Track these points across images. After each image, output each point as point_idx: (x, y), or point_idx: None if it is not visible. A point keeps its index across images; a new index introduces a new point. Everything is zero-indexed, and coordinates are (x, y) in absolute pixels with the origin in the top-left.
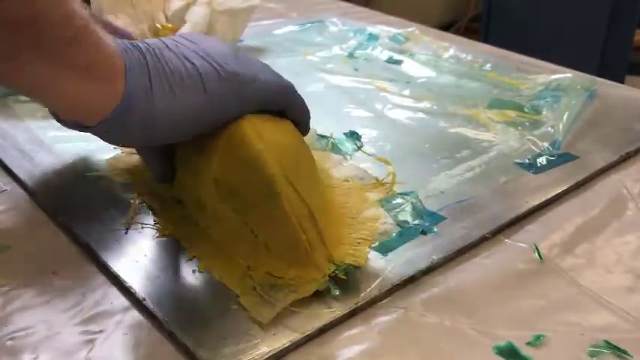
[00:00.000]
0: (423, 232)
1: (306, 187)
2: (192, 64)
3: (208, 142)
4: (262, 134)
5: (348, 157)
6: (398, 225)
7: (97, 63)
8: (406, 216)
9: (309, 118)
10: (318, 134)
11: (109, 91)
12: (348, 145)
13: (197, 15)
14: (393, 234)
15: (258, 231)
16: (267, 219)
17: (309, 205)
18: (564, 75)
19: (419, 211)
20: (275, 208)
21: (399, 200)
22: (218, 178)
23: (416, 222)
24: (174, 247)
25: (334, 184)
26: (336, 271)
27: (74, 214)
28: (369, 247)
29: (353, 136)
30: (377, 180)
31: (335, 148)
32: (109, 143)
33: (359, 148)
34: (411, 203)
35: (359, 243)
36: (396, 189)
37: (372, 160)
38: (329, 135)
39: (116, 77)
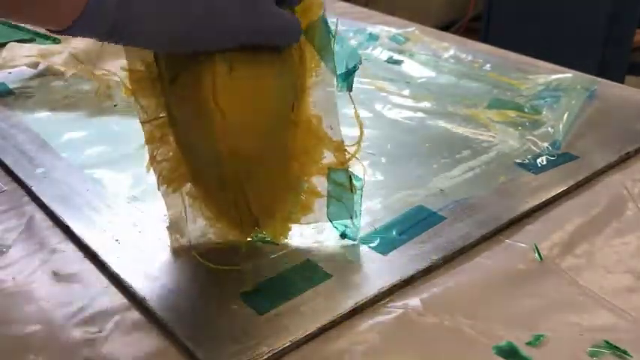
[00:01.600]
0: (342, 235)
1: (264, 145)
2: None
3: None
4: (226, 90)
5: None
6: (327, 208)
7: None
8: (339, 208)
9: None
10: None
11: None
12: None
13: None
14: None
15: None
16: (211, 178)
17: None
18: (564, 75)
19: (351, 209)
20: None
21: (345, 181)
22: (176, 116)
23: (343, 221)
24: (173, 247)
25: (300, 119)
26: (255, 238)
27: (74, 214)
28: (292, 224)
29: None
30: (341, 142)
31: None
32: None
33: (349, 88)
34: (353, 195)
35: (289, 218)
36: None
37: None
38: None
39: None
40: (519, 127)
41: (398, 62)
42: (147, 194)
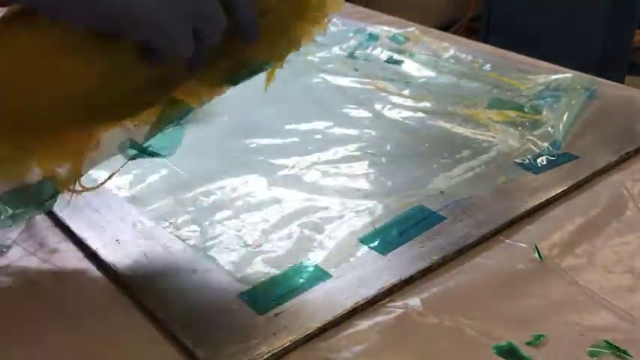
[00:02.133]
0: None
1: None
2: None
3: None
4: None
5: None
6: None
7: None
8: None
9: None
10: None
11: None
12: None
13: None
14: None
15: None
16: None
17: None
18: (564, 75)
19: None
20: None
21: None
22: None
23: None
24: (174, 247)
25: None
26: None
27: (74, 214)
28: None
29: None
30: (80, 176)
31: None
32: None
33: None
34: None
35: None
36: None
37: None
38: None
39: None
40: (519, 127)
41: (398, 62)
42: (147, 194)
